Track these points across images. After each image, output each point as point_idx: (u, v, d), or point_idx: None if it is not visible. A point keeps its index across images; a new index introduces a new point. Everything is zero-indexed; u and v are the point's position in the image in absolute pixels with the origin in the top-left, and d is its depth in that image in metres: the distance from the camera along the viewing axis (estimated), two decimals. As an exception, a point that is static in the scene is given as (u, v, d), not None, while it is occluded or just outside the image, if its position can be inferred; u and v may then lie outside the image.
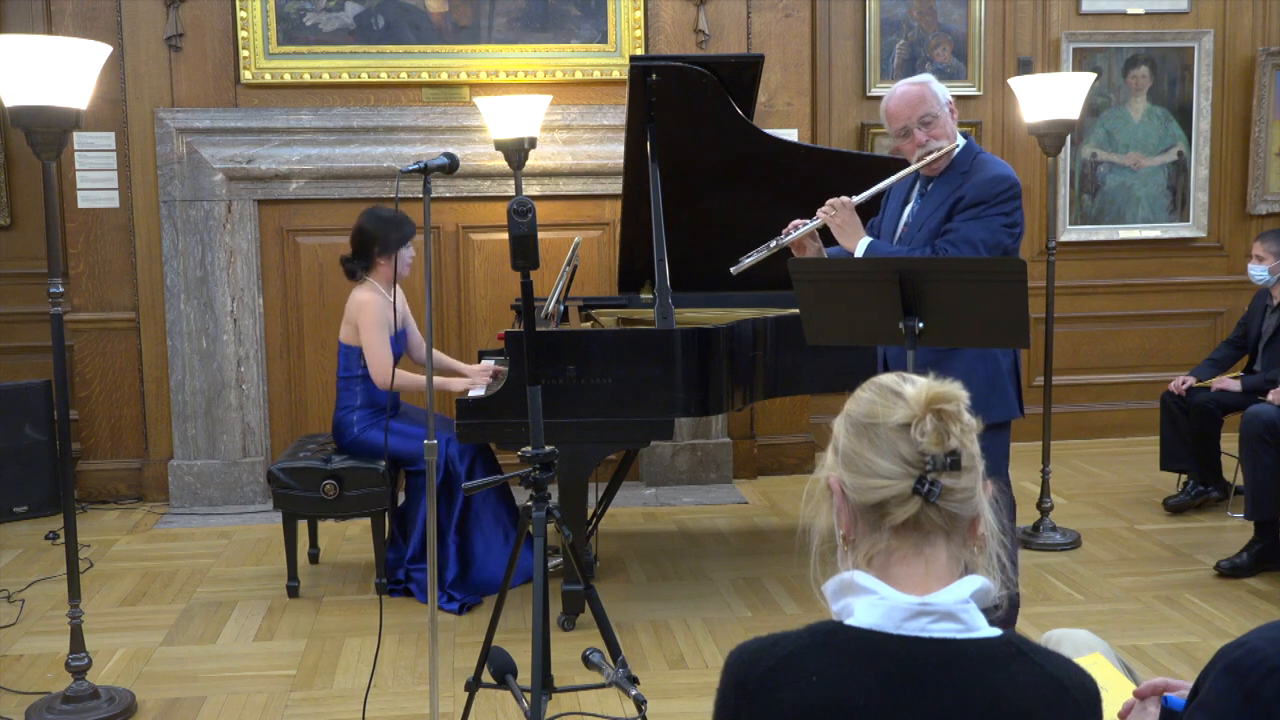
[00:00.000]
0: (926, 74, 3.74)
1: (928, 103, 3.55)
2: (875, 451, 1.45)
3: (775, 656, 1.42)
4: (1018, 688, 1.39)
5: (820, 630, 1.44)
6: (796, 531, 4.87)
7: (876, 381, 1.51)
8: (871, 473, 1.44)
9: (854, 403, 1.51)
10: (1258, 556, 4.62)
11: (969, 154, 3.57)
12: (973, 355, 3.45)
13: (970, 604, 1.42)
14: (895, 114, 3.59)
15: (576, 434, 4.07)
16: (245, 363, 5.88)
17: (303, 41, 5.84)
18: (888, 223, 3.73)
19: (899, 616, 1.41)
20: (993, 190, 3.46)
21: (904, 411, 1.43)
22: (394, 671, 3.89)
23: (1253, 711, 1.34)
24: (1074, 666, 1.46)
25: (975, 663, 1.39)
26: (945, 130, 3.56)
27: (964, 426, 1.44)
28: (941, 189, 3.57)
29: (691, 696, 3.64)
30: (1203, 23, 6.78)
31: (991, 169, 3.52)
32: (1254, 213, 6.91)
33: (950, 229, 3.48)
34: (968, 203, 3.48)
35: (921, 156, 3.56)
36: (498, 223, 5.88)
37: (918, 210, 3.63)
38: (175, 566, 5.00)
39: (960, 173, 3.55)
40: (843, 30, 6.53)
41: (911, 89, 3.58)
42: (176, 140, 5.74)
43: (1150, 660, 3.83)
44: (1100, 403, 6.95)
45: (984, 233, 3.43)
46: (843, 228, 3.62)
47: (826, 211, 3.63)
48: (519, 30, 5.96)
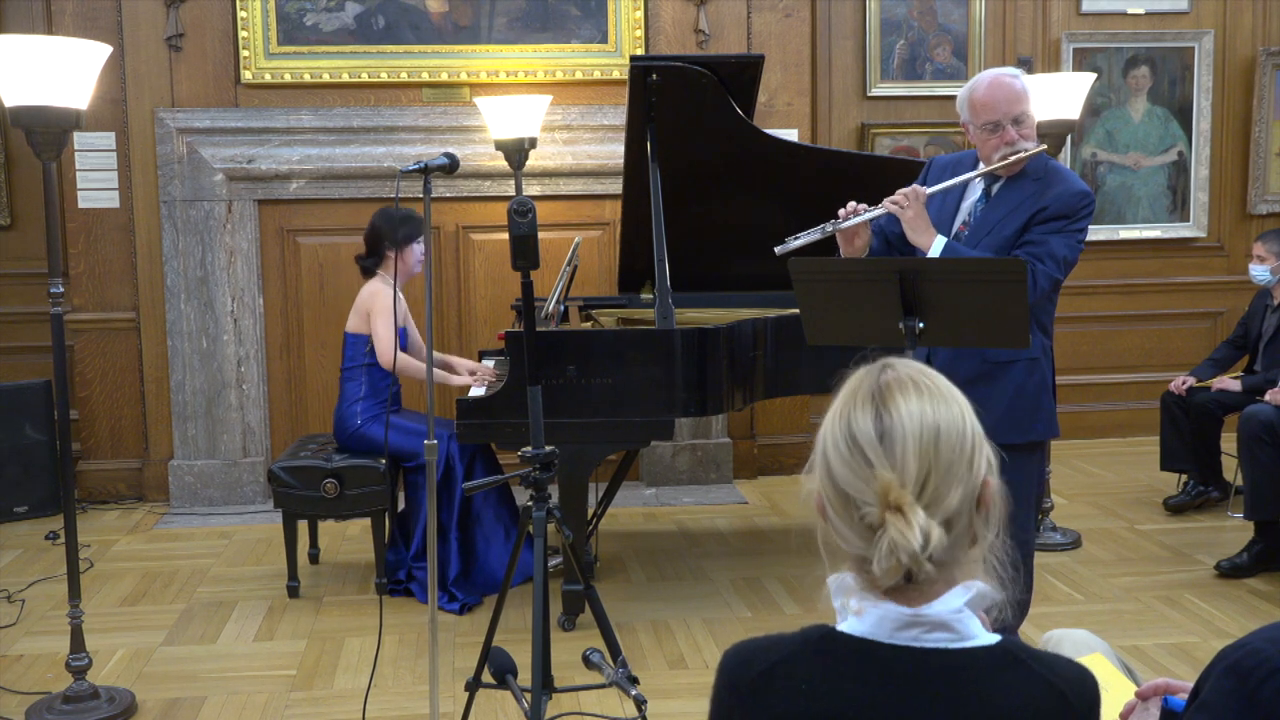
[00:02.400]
0: (1015, 68, 3.53)
1: (1024, 100, 3.34)
2: (848, 519, 1.39)
3: (768, 661, 1.41)
4: (1013, 698, 1.37)
5: (813, 636, 1.42)
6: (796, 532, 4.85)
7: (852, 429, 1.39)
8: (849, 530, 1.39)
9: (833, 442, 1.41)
10: (1258, 557, 4.62)
11: (1040, 159, 3.39)
12: (1023, 368, 3.34)
13: (964, 612, 1.39)
14: (989, 105, 3.34)
15: (577, 434, 4.07)
16: (245, 363, 5.88)
17: (303, 41, 5.84)
18: (938, 217, 3.47)
19: (891, 626, 1.39)
20: (1077, 205, 3.32)
21: (873, 511, 1.36)
22: (394, 671, 3.89)
23: (1254, 713, 1.34)
24: (1074, 669, 1.44)
25: (969, 673, 1.37)
26: (1033, 131, 3.38)
27: (907, 536, 1.33)
28: (1014, 194, 3.39)
29: (691, 696, 3.64)
30: (1203, 23, 6.78)
31: (1073, 182, 3.37)
32: (1254, 213, 6.91)
33: (1032, 240, 3.32)
34: (1052, 214, 3.32)
35: (1006, 155, 3.33)
36: (498, 223, 5.88)
37: (984, 211, 3.44)
38: (175, 566, 5.00)
39: (1034, 179, 3.37)
40: (843, 30, 6.53)
41: (1012, 82, 3.35)
42: (177, 140, 5.74)
43: (1150, 660, 3.83)
44: (1101, 403, 6.95)
45: (1066, 249, 3.31)
46: (915, 222, 3.35)
47: (898, 202, 3.35)
48: (519, 30, 5.96)
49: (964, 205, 3.49)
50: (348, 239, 5.58)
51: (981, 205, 3.46)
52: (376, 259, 4.68)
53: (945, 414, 1.39)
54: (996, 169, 3.36)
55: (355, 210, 5.83)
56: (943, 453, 1.37)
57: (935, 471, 1.36)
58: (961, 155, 3.60)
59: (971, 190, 3.50)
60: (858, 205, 3.39)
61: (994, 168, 3.36)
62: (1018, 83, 3.36)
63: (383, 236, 4.64)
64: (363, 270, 4.74)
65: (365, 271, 4.72)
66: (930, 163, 3.67)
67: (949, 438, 1.38)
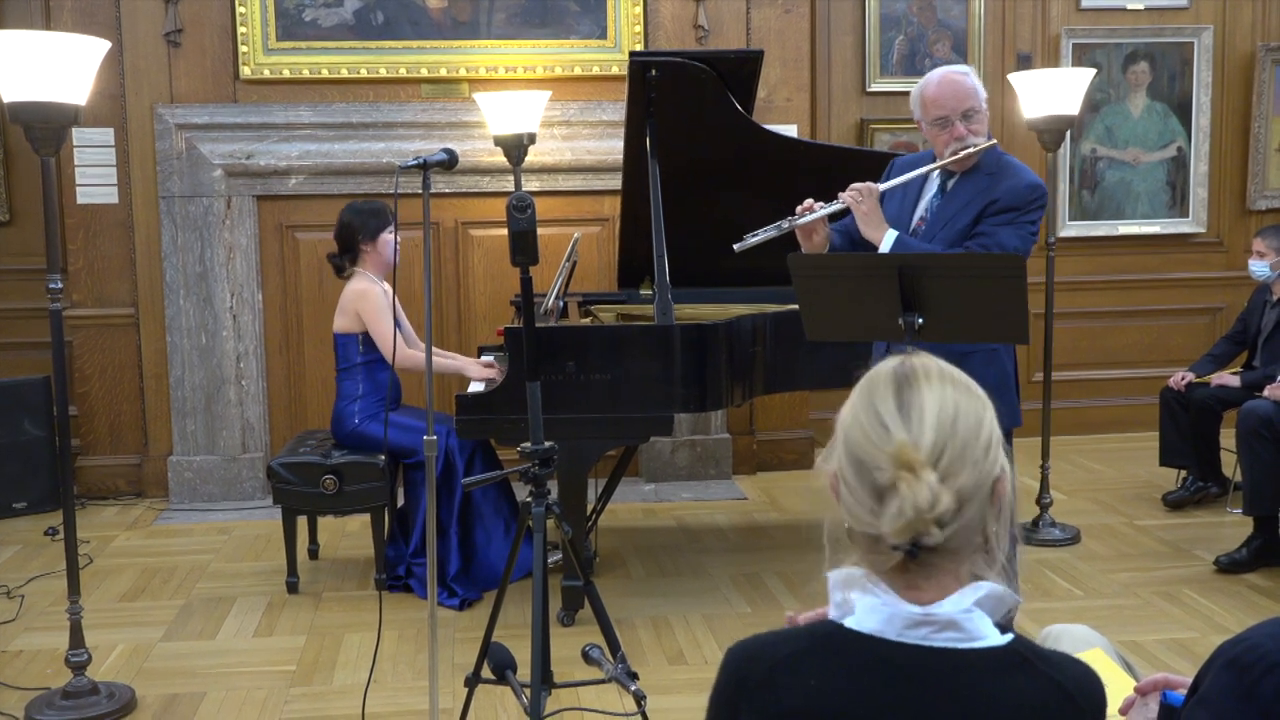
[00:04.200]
0: (966, 65, 3.61)
1: (973, 96, 3.42)
2: (863, 488, 1.39)
3: (775, 658, 1.41)
4: (1021, 699, 1.37)
5: (820, 632, 1.42)
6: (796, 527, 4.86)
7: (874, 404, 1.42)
8: (860, 505, 1.39)
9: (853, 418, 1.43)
10: (1257, 552, 4.62)
11: (994, 154, 3.48)
12: (981, 359, 3.37)
13: (974, 612, 1.39)
14: (938, 101, 3.43)
15: (576, 430, 4.07)
16: (245, 358, 5.87)
17: (302, 37, 5.84)
18: (899, 213, 3.57)
19: (900, 624, 1.38)
20: (1027, 198, 3.40)
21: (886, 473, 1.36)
22: (394, 667, 3.89)
23: (1252, 708, 1.34)
24: (1081, 670, 1.44)
25: (977, 674, 1.37)
26: (983, 127, 3.45)
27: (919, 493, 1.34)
28: (967, 188, 3.47)
29: (691, 692, 3.64)
30: (1202, 18, 6.77)
31: (1024, 175, 3.44)
32: (1253, 208, 6.91)
33: (983, 232, 3.40)
34: (1002, 207, 3.39)
35: (957, 151, 3.42)
36: (497, 218, 5.88)
37: (939, 206, 3.52)
38: (175, 562, 5.00)
39: (987, 173, 3.45)
40: (842, 26, 6.52)
41: (960, 78, 3.43)
42: (175, 136, 5.74)
43: (1149, 656, 3.83)
44: (1100, 398, 6.96)
45: (1017, 240, 3.38)
46: (868, 215, 3.44)
47: (852, 196, 3.45)
48: (518, 26, 5.96)
49: (922, 201, 3.58)
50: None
51: (938, 200, 3.54)
52: (352, 254, 4.66)
53: (966, 400, 1.42)
54: (949, 164, 3.45)
55: (354, 206, 5.83)
56: (959, 432, 1.39)
57: (950, 447, 1.38)
58: (921, 155, 3.72)
59: (929, 186, 3.58)
60: (814, 202, 3.51)
61: (946, 162, 3.46)
62: (967, 80, 3.46)
63: (355, 230, 4.63)
64: (336, 269, 4.72)
65: (338, 270, 4.71)
66: (892, 163, 3.78)
67: (967, 420, 1.40)
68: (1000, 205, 3.41)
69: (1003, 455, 1.43)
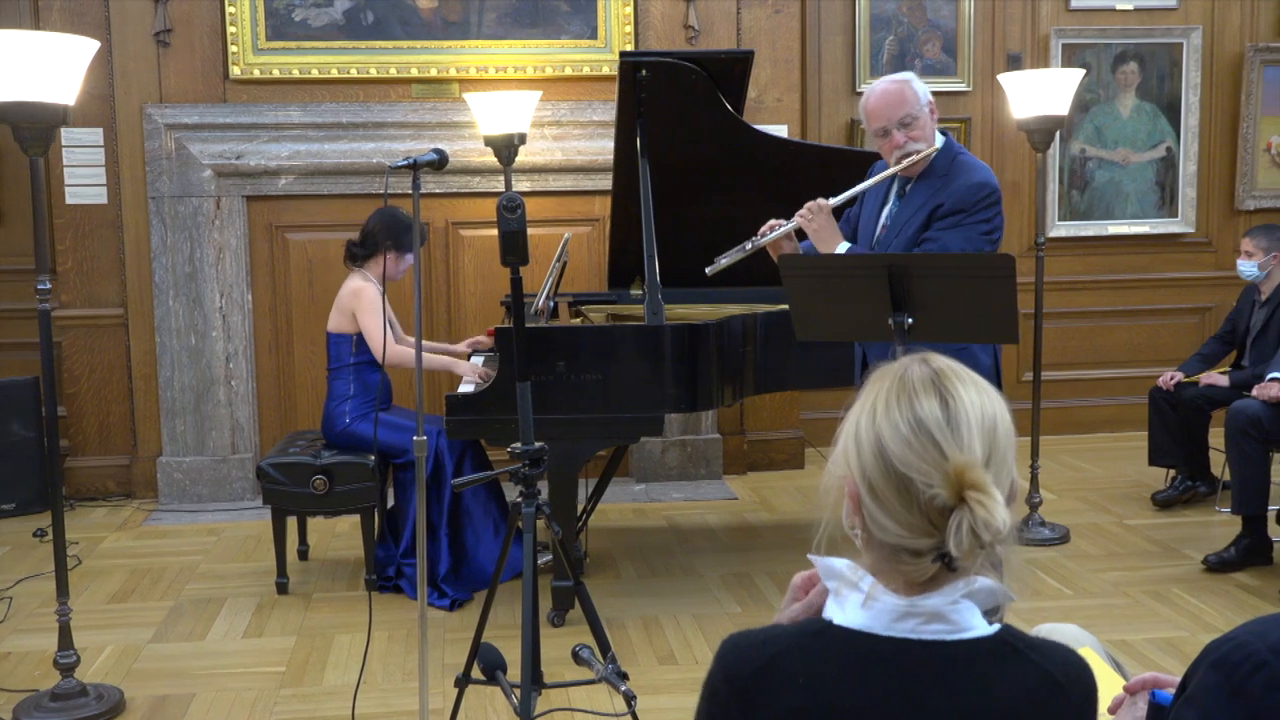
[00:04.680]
0: (908, 72, 3.65)
1: (908, 103, 3.47)
2: (902, 503, 1.36)
3: (765, 655, 1.41)
4: (1010, 689, 1.38)
5: (810, 629, 1.42)
6: (786, 527, 4.87)
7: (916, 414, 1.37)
8: (892, 519, 1.37)
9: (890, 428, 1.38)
10: (1245, 551, 4.64)
11: (948, 155, 3.50)
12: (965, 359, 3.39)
13: (961, 603, 1.39)
14: (874, 113, 3.51)
15: (566, 430, 4.07)
16: (234, 359, 5.86)
17: (292, 37, 5.83)
18: (867, 222, 3.65)
19: (888, 618, 1.39)
20: (972, 198, 3.41)
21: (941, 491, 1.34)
22: (384, 668, 3.88)
23: (1240, 706, 1.34)
24: (1071, 659, 1.44)
25: (966, 665, 1.38)
26: (925, 132, 3.48)
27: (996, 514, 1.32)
28: (921, 192, 3.51)
29: (681, 692, 3.64)
30: (1191, 19, 6.79)
31: (971, 175, 3.46)
32: (1242, 208, 6.93)
33: (929, 238, 3.43)
34: (947, 210, 3.42)
35: (899, 159, 3.48)
36: (487, 219, 5.88)
37: (896, 212, 3.57)
38: (164, 563, 4.98)
39: (940, 175, 3.48)
40: (833, 26, 6.53)
41: (891, 88, 3.50)
42: (165, 136, 5.72)
43: (1139, 655, 3.84)
44: (1089, 398, 6.97)
45: (963, 242, 3.39)
46: (819, 232, 3.53)
47: (804, 215, 3.54)
48: (509, 26, 5.95)
49: (885, 210, 3.64)
50: (336, 235, 5.55)
51: (895, 206, 3.60)
52: (368, 252, 4.66)
53: (998, 405, 1.42)
54: (896, 171, 3.52)
55: (344, 206, 5.82)
56: (1000, 441, 1.39)
57: (994, 458, 1.38)
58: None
59: (891, 194, 3.64)
60: (775, 220, 3.62)
61: (891, 171, 3.54)
62: (903, 88, 3.51)
63: (380, 239, 4.62)
64: (349, 255, 4.70)
65: (351, 258, 4.69)
66: (873, 166, 3.82)
67: (1005, 427, 1.41)
68: (946, 208, 3.44)
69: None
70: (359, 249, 4.69)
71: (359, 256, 4.68)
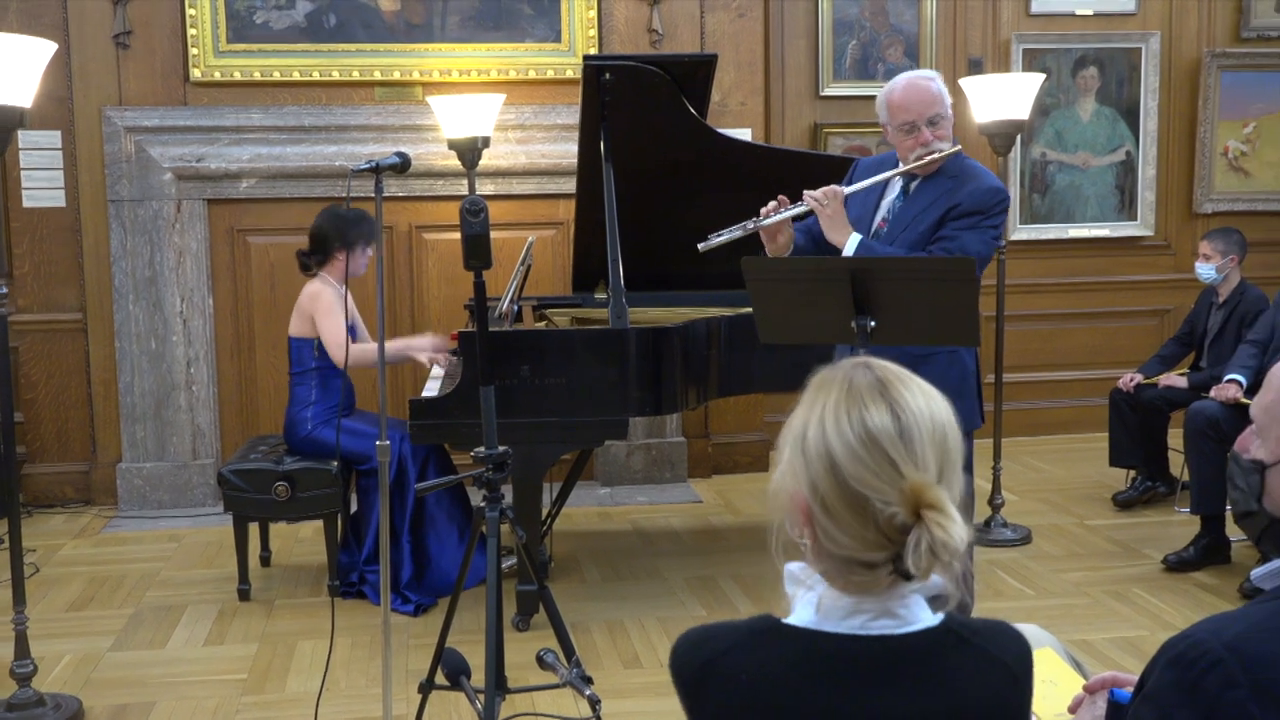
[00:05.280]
0: (931, 70, 3.61)
1: (940, 102, 3.43)
2: (857, 519, 1.35)
3: (711, 652, 1.42)
4: (959, 679, 1.39)
5: (759, 627, 1.43)
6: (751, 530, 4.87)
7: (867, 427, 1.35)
8: (846, 534, 1.36)
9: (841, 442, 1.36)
10: (1204, 550, 4.68)
11: (956, 158, 3.49)
12: (943, 360, 3.40)
13: (908, 598, 1.40)
14: (905, 106, 3.43)
15: (531, 434, 4.06)
16: (195, 364, 5.81)
17: (253, 39, 5.79)
18: (860, 215, 3.57)
19: (836, 615, 1.40)
20: (989, 201, 3.42)
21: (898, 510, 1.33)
22: (347, 674, 3.86)
23: (1197, 704, 1.36)
24: (1011, 636, 1.46)
25: (915, 657, 1.39)
26: (948, 132, 3.47)
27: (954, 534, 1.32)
28: (930, 191, 3.48)
29: (646, 696, 3.64)
30: (1149, 24, 6.86)
31: (985, 179, 3.46)
32: (1200, 212, 7.01)
33: (945, 236, 3.41)
34: (964, 211, 3.41)
35: (921, 156, 3.43)
36: (451, 222, 5.85)
37: (901, 208, 3.53)
38: (124, 571, 4.93)
39: (949, 177, 3.46)
40: (796, 30, 6.55)
41: (927, 84, 3.44)
42: (124, 139, 5.67)
43: (1099, 654, 3.87)
44: (1050, 400, 7.02)
45: (979, 244, 3.39)
46: (833, 219, 3.44)
47: (818, 199, 3.44)
48: (472, 29, 5.94)
49: (884, 203, 3.60)
50: (299, 239, 5.49)
51: (900, 203, 3.56)
52: (320, 257, 4.63)
53: (943, 409, 1.41)
54: (913, 168, 3.46)
55: (307, 210, 5.76)
56: (949, 448, 1.39)
57: (946, 469, 1.38)
58: (884, 157, 3.71)
59: (891, 188, 3.60)
60: (780, 202, 3.49)
61: (910, 167, 3.46)
62: (933, 85, 3.47)
63: (330, 239, 4.59)
64: (302, 267, 4.68)
65: (304, 268, 4.67)
66: (856, 163, 3.78)
67: (953, 432, 1.40)
68: (963, 209, 3.41)
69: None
70: (310, 257, 4.65)
71: (311, 265, 4.65)
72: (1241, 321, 5.29)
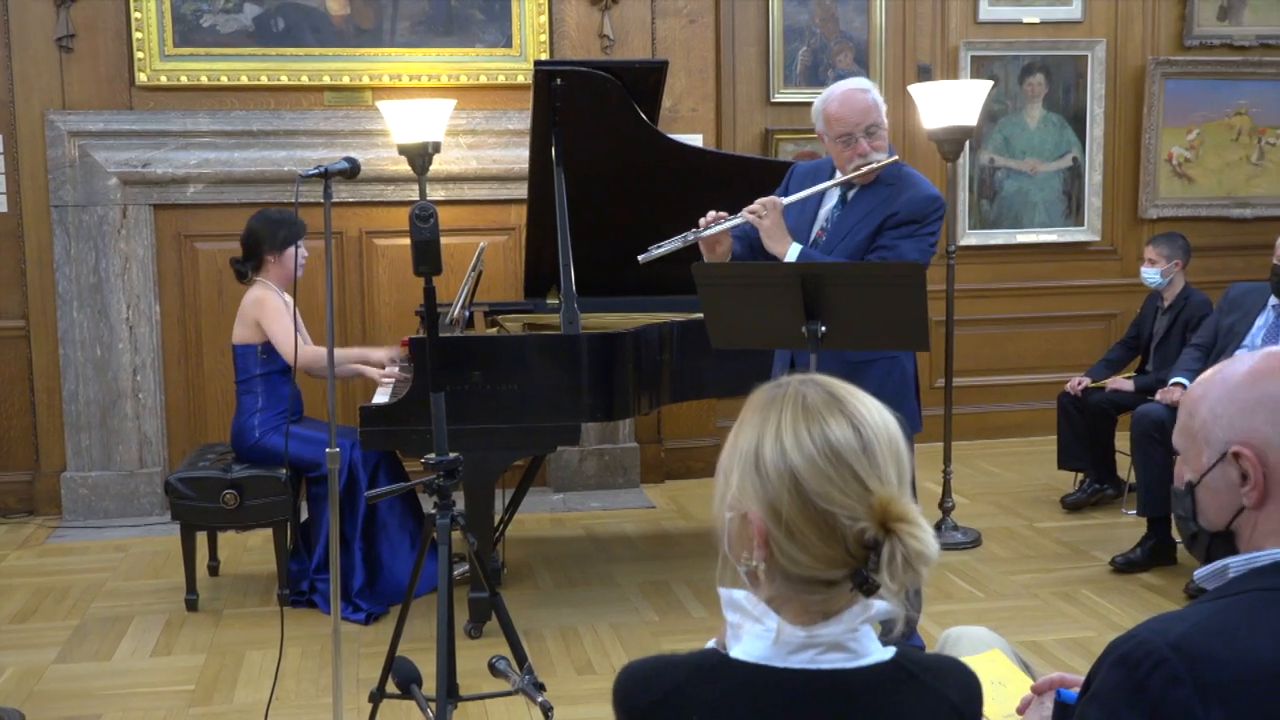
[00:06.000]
0: (865, 79, 3.64)
1: (875, 111, 3.47)
2: (821, 537, 1.33)
3: (660, 690, 1.39)
4: (909, 715, 1.38)
5: (706, 663, 1.40)
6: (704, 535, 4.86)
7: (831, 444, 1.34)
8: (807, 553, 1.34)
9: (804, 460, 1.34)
10: (1150, 552, 4.74)
11: (895, 166, 3.53)
12: (882, 368, 3.44)
13: (859, 630, 1.39)
14: (841, 118, 3.46)
15: (482, 440, 4.04)
16: (142, 371, 5.74)
17: (200, 43, 5.72)
18: (798, 223, 3.60)
19: (786, 649, 1.37)
20: (926, 210, 3.47)
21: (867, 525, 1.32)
22: (297, 684, 3.82)
23: (1142, 702, 1.37)
24: (963, 675, 1.45)
25: (864, 694, 1.37)
26: (884, 143, 3.51)
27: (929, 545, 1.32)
28: (868, 199, 3.52)
29: (599, 702, 3.63)
30: (1095, 32, 6.95)
31: (922, 188, 3.50)
32: (1145, 217, 7.10)
33: (884, 245, 3.45)
34: (902, 219, 3.45)
35: (859, 166, 3.47)
36: (402, 228, 5.76)
37: (839, 217, 3.57)
38: (69, 581, 4.85)
39: (886, 185, 3.50)
40: (747, 37, 6.58)
41: (862, 95, 3.47)
42: (68, 143, 5.59)
43: (1049, 655, 3.91)
44: (1000, 404, 7.09)
45: (916, 252, 3.43)
46: (771, 231, 3.46)
47: (756, 211, 3.47)
48: (422, 34, 5.91)
49: (821, 212, 3.63)
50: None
51: (838, 211, 3.60)
52: (255, 262, 4.60)
53: (893, 421, 1.40)
54: (851, 178, 3.50)
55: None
56: (903, 459, 1.39)
57: (902, 478, 1.38)
58: (820, 162, 3.74)
59: (829, 197, 3.63)
60: (719, 214, 3.52)
61: (848, 177, 3.51)
62: (869, 95, 3.50)
63: (261, 240, 4.56)
64: (237, 274, 4.65)
65: (240, 275, 4.64)
66: (792, 170, 3.81)
67: (903, 443, 1.40)
68: (900, 218, 3.47)
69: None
70: (243, 264, 4.62)
71: (246, 273, 4.62)
72: (1186, 325, 5.37)
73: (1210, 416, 1.53)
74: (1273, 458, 1.48)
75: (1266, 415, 1.48)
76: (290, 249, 4.55)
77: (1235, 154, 7.14)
